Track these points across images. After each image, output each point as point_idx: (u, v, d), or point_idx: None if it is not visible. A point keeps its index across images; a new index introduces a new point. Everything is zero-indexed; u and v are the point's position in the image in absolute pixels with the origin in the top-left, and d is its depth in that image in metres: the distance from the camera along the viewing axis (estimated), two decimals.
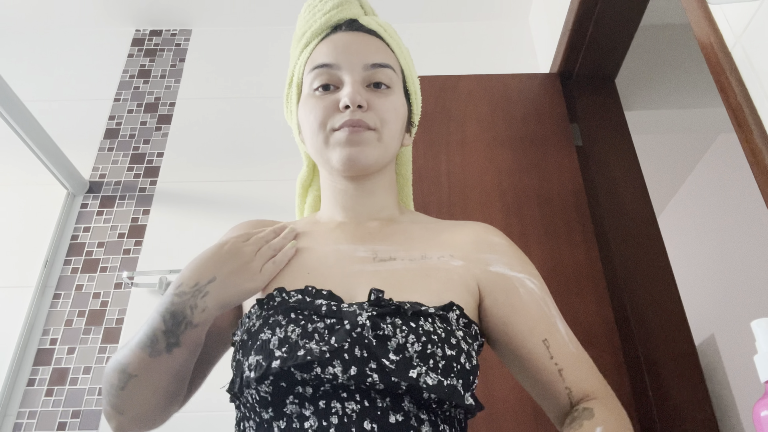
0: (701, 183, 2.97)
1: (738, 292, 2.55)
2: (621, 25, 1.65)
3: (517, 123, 1.71)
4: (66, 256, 1.67)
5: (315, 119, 0.71)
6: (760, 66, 0.78)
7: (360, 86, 0.71)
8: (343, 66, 0.72)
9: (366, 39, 0.76)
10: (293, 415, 0.56)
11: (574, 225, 1.54)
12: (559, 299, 1.41)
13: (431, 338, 0.58)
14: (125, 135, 1.92)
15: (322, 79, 0.72)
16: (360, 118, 0.69)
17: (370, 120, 0.70)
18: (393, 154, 0.76)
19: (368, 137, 0.70)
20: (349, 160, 0.69)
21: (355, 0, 0.80)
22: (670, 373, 1.38)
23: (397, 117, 0.74)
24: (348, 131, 0.69)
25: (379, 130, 0.71)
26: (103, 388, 0.66)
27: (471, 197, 1.57)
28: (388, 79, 0.74)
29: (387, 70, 0.74)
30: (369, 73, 0.72)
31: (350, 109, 0.69)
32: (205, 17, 2.18)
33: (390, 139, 0.73)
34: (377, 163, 0.72)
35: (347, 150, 0.69)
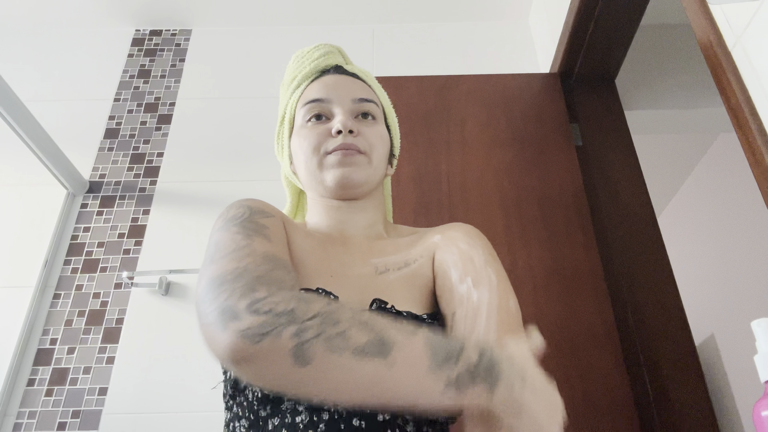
0: (701, 183, 2.97)
1: (738, 292, 2.55)
2: (621, 25, 1.65)
3: (517, 123, 1.71)
4: (66, 256, 1.67)
5: (309, 144, 0.77)
6: (760, 66, 0.78)
7: (350, 116, 0.78)
8: (334, 100, 0.79)
9: (351, 80, 0.84)
10: (287, 411, 0.58)
11: (574, 225, 1.54)
12: (559, 299, 1.42)
13: None
14: (125, 135, 1.92)
15: (314, 111, 0.79)
16: (352, 142, 0.75)
17: (361, 144, 0.76)
18: (380, 178, 0.81)
19: (359, 159, 0.76)
20: (342, 179, 0.75)
21: (337, 51, 0.89)
22: (670, 373, 1.38)
23: (383, 143, 0.80)
24: (341, 154, 0.75)
25: (368, 154, 0.77)
26: None
27: (471, 197, 1.58)
28: (374, 111, 0.82)
29: (372, 104, 0.82)
30: (357, 105, 0.80)
31: (342, 134, 0.75)
32: (205, 17, 2.18)
33: (378, 162, 0.79)
34: (367, 183, 0.77)
35: (341, 170, 0.75)
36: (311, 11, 2.16)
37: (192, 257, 1.66)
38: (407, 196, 1.57)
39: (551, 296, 1.43)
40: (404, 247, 0.77)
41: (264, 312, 0.46)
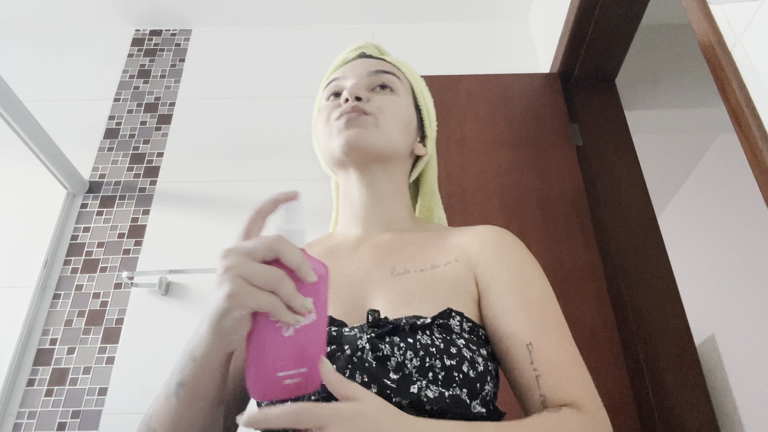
0: (701, 183, 2.97)
1: (738, 292, 2.55)
2: (621, 25, 1.65)
3: (517, 123, 1.71)
4: (66, 256, 1.67)
5: (322, 120, 0.78)
6: (760, 66, 0.78)
7: (362, 86, 0.77)
8: (349, 76, 0.79)
9: (375, 60, 0.83)
10: None
11: (574, 225, 1.54)
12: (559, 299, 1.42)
13: (429, 351, 0.58)
14: (125, 135, 1.92)
15: (330, 90, 0.80)
16: (356, 105, 0.74)
17: (367, 107, 0.75)
18: (394, 147, 0.77)
19: (364, 120, 0.74)
20: (347, 143, 0.73)
21: (372, 45, 0.89)
22: (670, 373, 1.38)
23: (396, 110, 0.78)
24: (346, 117, 0.74)
25: (375, 116, 0.75)
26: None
27: (471, 197, 1.57)
28: (391, 83, 0.80)
29: (390, 75, 0.80)
30: (372, 77, 0.79)
31: (349, 102, 0.75)
32: (205, 17, 2.18)
33: (388, 126, 0.76)
34: (377, 145, 0.74)
35: (345, 133, 0.74)
36: (311, 11, 2.16)
37: (192, 257, 1.66)
38: None
39: None
40: (430, 245, 0.73)
41: None
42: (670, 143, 2.79)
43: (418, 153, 0.83)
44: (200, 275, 1.61)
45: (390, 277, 0.68)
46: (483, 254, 0.70)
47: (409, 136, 0.80)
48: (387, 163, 0.77)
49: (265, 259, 0.46)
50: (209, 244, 1.68)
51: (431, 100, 0.88)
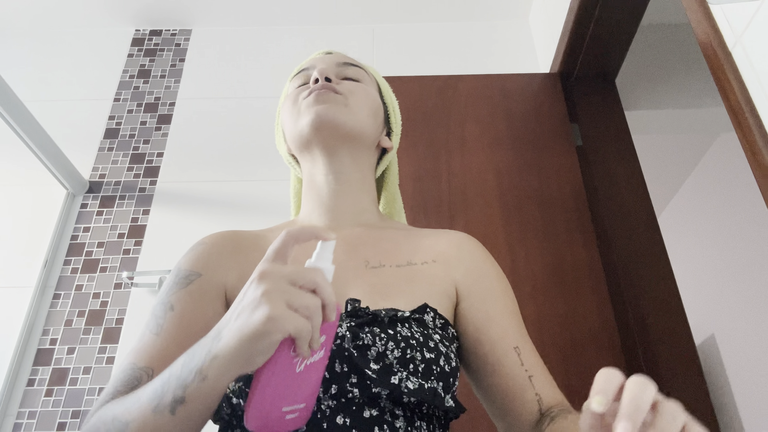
0: (701, 183, 2.97)
1: (738, 292, 2.55)
2: (621, 25, 1.65)
3: (517, 123, 1.71)
4: (66, 256, 1.67)
5: (290, 102, 0.77)
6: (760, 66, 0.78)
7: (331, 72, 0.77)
8: (317, 65, 0.79)
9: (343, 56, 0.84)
10: None
11: (574, 225, 1.54)
12: (559, 299, 1.42)
13: (410, 343, 0.59)
14: (125, 135, 1.92)
15: (298, 80, 0.80)
16: (326, 84, 0.74)
17: (339, 88, 0.75)
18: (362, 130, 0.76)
19: (335, 98, 0.73)
20: (317, 116, 0.72)
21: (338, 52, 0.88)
22: (670, 373, 1.38)
23: (366, 97, 0.77)
24: (315, 94, 0.73)
25: (346, 96, 0.74)
26: None
27: (471, 197, 1.57)
28: (358, 75, 0.80)
29: (357, 69, 0.81)
30: (341, 68, 0.80)
31: (319, 82, 0.74)
32: (205, 17, 2.18)
33: (357, 108, 0.75)
34: (347, 123, 0.73)
35: (314, 108, 0.72)
36: (311, 11, 2.16)
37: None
38: (407, 196, 1.56)
39: (551, 296, 1.43)
40: (403, 243, 0.73)
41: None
42: (670, 143, 2.79)
43: (385, 145, 0.82)
44: None
45: (365, 269, 0.68)
46: (462, 260, 0.72)
47: (377, 124, 0.80)
48: (355, 147, 0.76)
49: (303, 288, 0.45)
50: None
51: (396, 102, 0.88)
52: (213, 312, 0.64)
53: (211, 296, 0.65)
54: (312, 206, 0.77)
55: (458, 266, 0.71)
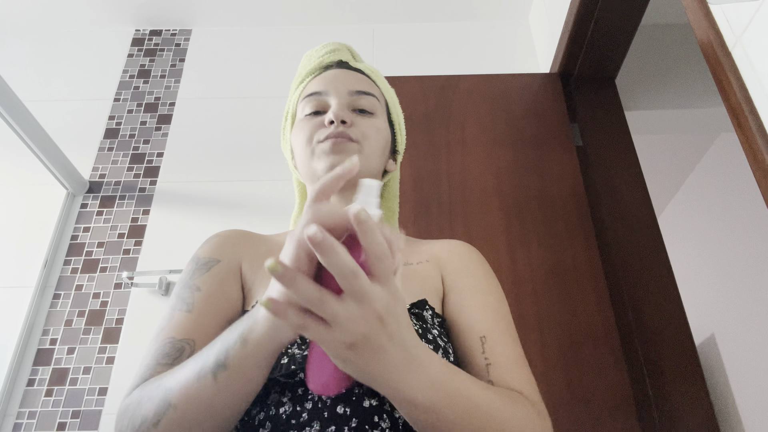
0: (701, 183, 2.97)
1: (738, 292, 2.55)
2: (621, 25, 1.65)
3: (517, 123, 1.71)
4: (66, 256, 1.67)
5: (304, 136, 0.79)
6: (760, 66, 0.78)
7: (345, 107, 0.79)
8: (331, 92, 0.80)
9: (353, 74, 0.84)
10: (272, 403, 0.58)
11: (574, 225, 1.54)
12: (559, 299, 1.42)
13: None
14: (125, 135, 1.92)
15: (312, 106, 0.81)
16: (343, 130, 0.76)
17: (353, 133, 0.77)
18: (375, 169, 0.80)
19: (350, 147, 0.76)
20: (332, 167, 0.74)
21: (345, 49, 0.90)
22: (670, 373, 1.38)
23: (378, 135, 0.80)
24: (332, 142, 0.75)
25: (360, 143, 0.77)
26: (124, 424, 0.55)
27: (471, 197, 1.57)
28: (371, 105, 0.82)
29: (370, 97, 0.82)
30: (353, 98, 0.81)
31: (334, 124, 0.76)
32: (205, 17, 2.18)
33: (371, 152, 0.78)
34: (360, 173, 0.76)
35: (331, 158, 0.75)
36: (311, 11, 2.16)
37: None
38: (407, 196, 1.56)
39: (551, 296, 1.43)
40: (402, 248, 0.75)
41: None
42: (670, 143, 2.79)
43: (389, 169, 0.86)
44: None
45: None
46: (451, 260, 0.76)
47: (385, 156, 0.83)
48: None
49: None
50: None
51: (402, 115, 0.91)
52: (235, 293, 0.68)
53: (231, 279, 0.69)
54: None
55: (446, 265, 0.75)
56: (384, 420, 0.56)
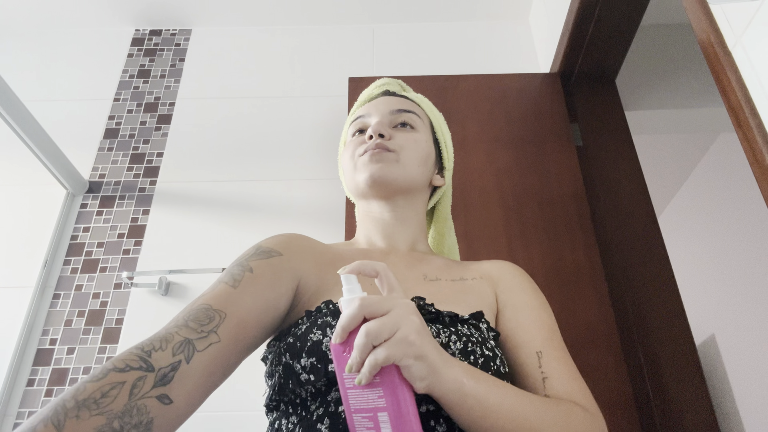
0: (701, 183, 2.97)
1: (738, 292, 2.55)
2: (621, 25, 1.65)
3: (517, 123, 1.71)
4: (66, 256, 1.67)
5: (348, 154, 0.85)
6: (760, 66, 0.78)
7: (385, 124, 0.84)
8: (373, 113, 0.87)
9: (400, 99, 0.90)
10: (332, 401, 0.59)
11: (575, 225, 1.54)
12: (559, 299, 1.42)
13: (471, 339, 0.64)
14: (125, 135, 1.92)
15: (356, 127, 0.88)
16: (380, 142, 0.81)
17: (390, 144, 0.82)
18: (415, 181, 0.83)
19: (387, 156, 0.81)
20: (371, 177, 0.80)
21: (395, 82, 0.96)
22: (670, 373, 1.38)
23: (416, 146, 0.84)
24: (370, 154, 0.81)
25: (398, 152, 0.82)
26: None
27: (471, 197, 1.57)
28: (411, 120, 0.87)
29: (410, 114, 0.87)
30: (394, 116, 0.86)
31: (373, 138, 0.82)
32: (205, 17, 2.18)
33: (409, 160, 0.82)
34: (397, 180, 0.81)
35: (369, 167, 0.80)
36: (311, 11, 2.16)
37: (192, 257, 1.66)
38: None
39: (551, 296, 1.43)
40: (453, 266, 0.81)
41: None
42: (670, 143, 2.79)
43: (436, 184, 0.90)
44: (200, 275, 1.61)
45: (423, 281, 0.75)
46: (503, 277, 0.80)
47: (428, 169, 0.86)
48: (408, 194, 0.84)
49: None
50: (209, 244, 1.68)
51: (449, 134, 0.95)
52: (285, 289, 0.67)
53: (287, 276, 0.69)
54: (370, 231, 0.85)
55: (499, 283, 0.79)
56: (441, 424, 0.58)
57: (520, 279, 0.80)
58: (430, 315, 0.66)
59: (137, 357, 0.51)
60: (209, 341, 0.56)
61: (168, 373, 0.51)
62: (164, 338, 0.54)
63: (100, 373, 0.50)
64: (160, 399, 0.50)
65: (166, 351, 0.53)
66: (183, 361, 0.53)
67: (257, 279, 0.65)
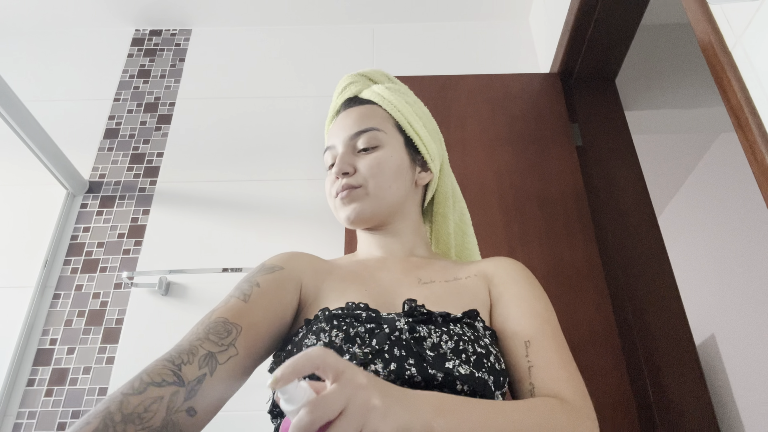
0: (701, 183, 2.97)
1: (738, 292, 2.55)
2: (621, 25, 1.65)
3: (517, 123, 1.71)
4: (66, 256, 1.67)
5: (327, 190, 0.87)
6: (760, 66, 0.78)
7: (347, 156, 0.84)
8: (336, 144, 0.86)
9: (358, 111, 0.88)
10: None
11: (574, 225, 1.54)
12: (559, 299, 1.42)
13: (462, 338, 0.65)
14: (125, 135, 1.92)
15: (328, 159, 0.88)
16: (346, 182, 0.82)
17: (355, 180, 0.82)
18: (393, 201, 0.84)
19: (356, 194, 0.82)
20: (347, 219, 0.83)
21: (360, 78, 0.94)
22: (670, 373, 1.38)
23: (382, 167, 0.83)
24: (340, 196, 0.83)
25: (364, 186, 0.82)
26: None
27: (471, 197, 1.57)
28: (372, 140, 0.85)
29: (369, 133, 0.85)
30: (354, 141, 0.85)
31: (339, 180, 0.83)
32: (205, 17, 2.18)
33: (378, 189, 0.82)
34: (374, 213, 0.82)
35: (344, 210, 0.83)
36: (311, 11, 2.16)
37: (192, 257, 1.66)
38: None
39: (551, 296, 1.41)
40: (451, 267, 0.82)
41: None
42: (670, 143, 2.79)
43: (421, 183, 0.90)
44: (200, 275, 1.61)
45: (418, 284, 0.77)
46: (497, 273, 0.79)
47: (405, 180, 0.86)
48: (390, 215, 0.85)
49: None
50: (209, 244, 1.68)
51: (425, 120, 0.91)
52: (290, 300, 0.72)
53: (291, 287, 0.73)
54: (368, 245, 0.88)
55: (493, 278, 0.79)
56: None
57: (514, 272, 0.79)
58: (423, 316, 0.67)
59: (170, 372, 0.54)
60: (229, 354, 0.59)
61: (195, 387, 0.54)
62: (190, 351, 0.57)
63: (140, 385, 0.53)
64: (188, 412, 0.53)
65: (194, 364, 0.56)
66: (207, 374, 0.56)
67: (265, 293, 0.69)
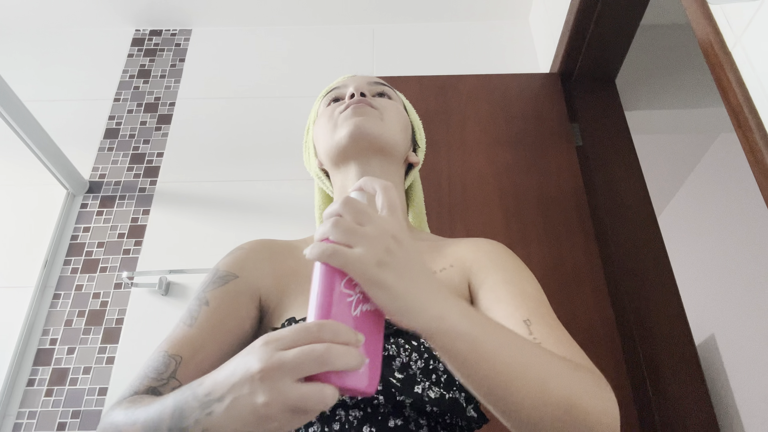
0: (701, 183, 2.97)
1: (738, 292, 2.55)
2: (621, 25, 1.65)
3: (517, 123, 1.71)
4: (66, 256, 1.67)
5: (325, 118, 0.80)
6: (760, 66, 0.78)
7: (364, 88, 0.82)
8: (350, 84, 0.83)
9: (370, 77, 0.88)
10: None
11: (574, 225, 1.54)
12: (559, 299, 1.42)
13: (433, 355, 0.61)
14: (125, 135, 1.92)
15: (331, 97, 0.84)
16: (362, 99, 0.78)
17: (374, 102, 0.79)
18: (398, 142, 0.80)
19: (371, 111, 0.77)
20: (356, 127, 0.75)
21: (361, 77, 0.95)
22: (670, 373, 1.38)
23: (398, 114, 0.81)
24: (353, 107, 0.77)
25: (380, 111, 0.79)
26: None
27: (471, 197, 1.57)
28: (389, 93, 0.85)
29: (386, 87, 0.86)
30: (372, 86, 0.84)
31: (355, 96, 0.78)
32: (205, 17, 2.18)
33: (391, 123, 0.79)
34: (382, 135, 0.77)
35: (352, 120, 0.76)
36: (311, 11, 2.16)
37: (192, 257, 1.66)
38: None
39: (551, 296, 1.41)
40: (427, 254, 0.74)
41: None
42: (670, 143, 2.79)
43: (412, 160, 0.86)
44: (200, 275, 1.61)
45: None
46: (477, 259, 0.71)
47: (407, 140, 0.84)
48: (387, 160, 0.79)
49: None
50: (209, 244, 1.68)
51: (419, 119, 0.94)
52: (246, 312, 0.67)
53: (246, 298, 0.68)
54: None
55: (472, 265, 0.71)
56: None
57: (496, 256, 0.71)
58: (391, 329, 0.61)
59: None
60: (171, 386, 0.58)
61: None
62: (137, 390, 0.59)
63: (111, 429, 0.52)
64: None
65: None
66: None
67: (215, 311, 0.65)
